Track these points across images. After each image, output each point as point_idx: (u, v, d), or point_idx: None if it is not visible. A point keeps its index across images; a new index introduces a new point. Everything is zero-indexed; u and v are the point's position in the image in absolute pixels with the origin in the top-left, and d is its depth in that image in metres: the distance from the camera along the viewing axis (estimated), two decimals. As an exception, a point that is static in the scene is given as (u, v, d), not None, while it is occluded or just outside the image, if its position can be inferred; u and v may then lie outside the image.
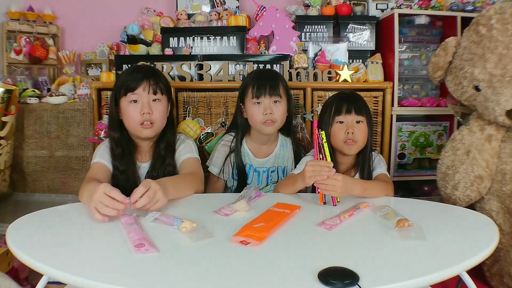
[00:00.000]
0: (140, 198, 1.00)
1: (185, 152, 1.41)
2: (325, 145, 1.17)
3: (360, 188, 1.19)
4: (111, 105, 1.39)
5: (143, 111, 1.32)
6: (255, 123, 1.51)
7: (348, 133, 1.36)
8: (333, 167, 1.15)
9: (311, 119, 1.94)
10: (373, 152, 1.46)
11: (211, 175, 1.62)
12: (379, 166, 1.43)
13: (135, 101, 1.33)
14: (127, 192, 1.02)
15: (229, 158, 1.58)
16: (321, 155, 1.18)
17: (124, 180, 1.36)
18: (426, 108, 2.06)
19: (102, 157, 1.35)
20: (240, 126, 1.60)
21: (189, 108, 1.93)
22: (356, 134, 1.37)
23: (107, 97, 1.93)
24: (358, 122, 1.39)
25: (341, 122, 1.39)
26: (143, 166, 1.42)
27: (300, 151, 1.64)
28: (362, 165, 1.42)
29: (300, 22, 2.15)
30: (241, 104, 1.58)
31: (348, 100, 1.41)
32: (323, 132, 1.17)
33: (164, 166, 1.40)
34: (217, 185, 1.62)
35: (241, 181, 1.59)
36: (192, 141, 1.50)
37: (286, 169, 1.63)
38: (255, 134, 1.59)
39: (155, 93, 1.34)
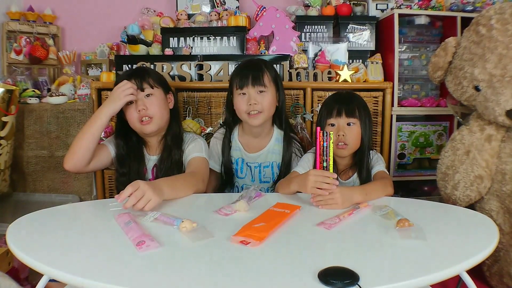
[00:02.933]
0: (128, 198, 1.01)
1: (193, 151, 1.43)
2: (331, 146, 1.15)
3: (360, 194, 1.17)
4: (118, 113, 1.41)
5: (138, 108, 1.37)
6: (240, 114, 1.49)
7: (339, 135, 1.35)
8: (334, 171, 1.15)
9: (311, 119, 1.94)
10: (371, 151, 1.45)
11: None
12: (378, 164, 1.42)
13: (131, 103, 1.37)
14: None
15: (221, 151, 1.57)
16: (324, 158, 1.16)
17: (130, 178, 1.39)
18: (426, 108, 2.07)
19: (107, 140, 1.43)
20: (227, 120, 1.59)
21: (189, 108, 1.93)
22: (347, 136, 1.36)
23: (107, 97, 1.92)
24: (349, 124, 1.37)
25: (332, 125, 1.38)
26: (152, 159, 1.46)
27: (291, 146, 1.55)
28: (360, 166, 1.41)
29: (300, 22, 2.15)
30: (231, 96, 1.56)
31: (340, 102, 1.40)
32: (332, 132, 1.16)
33: (170, 157, 1.42)
34: (211, 177, 1.55)
35: (228, 178, 1.59)
36: (203, 140, 1.50)
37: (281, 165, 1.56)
38: (246, 127, 1.57)
39: (142, 89, 1.38)
